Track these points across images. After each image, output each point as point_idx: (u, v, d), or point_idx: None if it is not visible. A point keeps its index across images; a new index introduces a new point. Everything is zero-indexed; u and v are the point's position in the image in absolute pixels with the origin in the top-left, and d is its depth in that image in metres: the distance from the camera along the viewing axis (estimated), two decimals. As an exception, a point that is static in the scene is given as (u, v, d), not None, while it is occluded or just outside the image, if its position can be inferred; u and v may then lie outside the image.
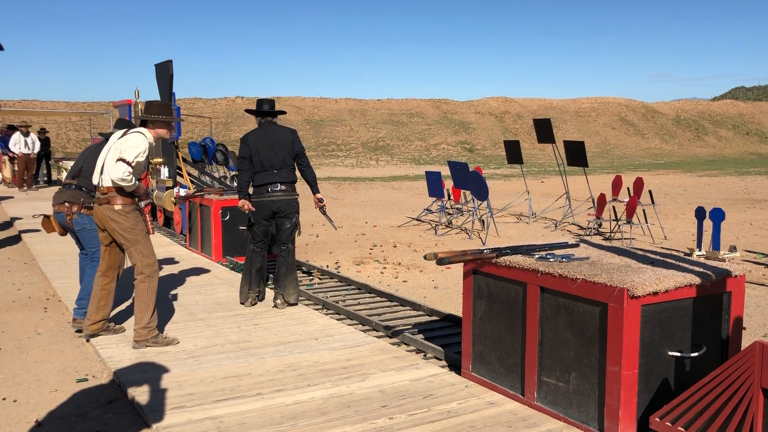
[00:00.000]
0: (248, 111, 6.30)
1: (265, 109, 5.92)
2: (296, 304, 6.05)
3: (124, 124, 5.64)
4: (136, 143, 4.82)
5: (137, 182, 4.89)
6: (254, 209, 5.91)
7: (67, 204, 5.46)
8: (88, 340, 5.11)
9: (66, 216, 5.45)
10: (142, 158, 4.84)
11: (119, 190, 4.83)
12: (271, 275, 7.21)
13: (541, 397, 3.73)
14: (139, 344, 4.87)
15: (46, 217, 5.73)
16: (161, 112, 5.03)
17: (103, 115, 29.38)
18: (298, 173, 6.06)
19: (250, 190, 5.99)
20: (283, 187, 5.86)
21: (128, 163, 4.74)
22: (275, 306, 6.04)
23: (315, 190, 6.19)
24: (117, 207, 4.84)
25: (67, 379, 4.45)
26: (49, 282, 7.24)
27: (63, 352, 4.99)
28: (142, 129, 4.99)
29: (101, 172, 4.95)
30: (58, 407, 3.99)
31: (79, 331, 5.34)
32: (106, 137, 5.47)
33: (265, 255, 6.13)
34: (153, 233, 5.17)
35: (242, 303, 6.11)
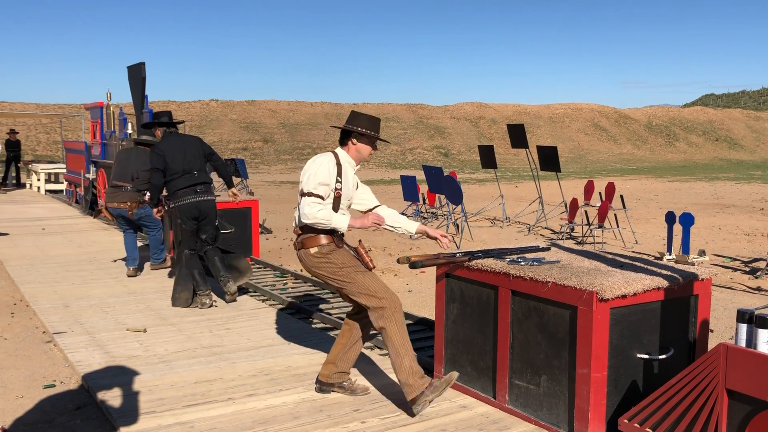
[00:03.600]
0: (149, 124, 6.61)
1: (165, 121, 6.28)
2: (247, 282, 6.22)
3: (147, 129, 6.91)
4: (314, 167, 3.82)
5: (339, 217, 3.79)
6: (164, 214, 6.45)
7: (128, 203, 7.33)
8: (320, 390, 4.06)
9: (128, 212, 7.36)
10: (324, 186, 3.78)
11: (310, 228, 3.79)
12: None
13: (512, 399, 3.75)
14: (419, 404, 3.61)
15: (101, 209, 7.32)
16: (371, 127, 3.96)
17: (75, 118, 28.98)
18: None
19: (169, 194, 6.19)
20: (205, 188, 6.13)
21: (316, 195, 3.74)
22: (228, 293, 6.19)
23: (231, 185, 6.83)
24: (313, 250, 3.80)
25: (33, 385, 4.38)
26: (16, 287, 7.12)
27: (30, 358, 4.91)
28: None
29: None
30: (25, 414, 3.92)
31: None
32: (138, 143, 7.19)
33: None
34: (374, 267, 3.90)
35: (188, 306, 6.14)
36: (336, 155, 3.88)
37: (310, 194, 3.71)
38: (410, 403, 3.63)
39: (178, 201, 6.02)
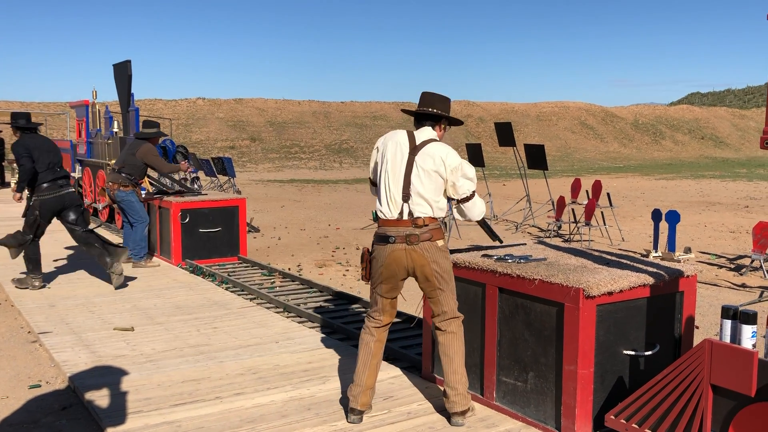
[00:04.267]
0: (11, 124, 7.04)
1: (22, 124, 6.78)
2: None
3: (150, 125, 7.97)
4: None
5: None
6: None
7: (110, 183, 7.86)
8: (359, 421, 3.64)
9: (110, 191, 7.86)
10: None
11: (436, 220, 3.62)
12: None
13: (499, 396, 3.77)
14: (466, 417, 3.59)
15: (103, 189, 7.90)
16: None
17: (60, 116, 28.76)
18: None
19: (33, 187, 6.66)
20: (66, 182, 6.74)
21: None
22: (115, 274, 6.61)
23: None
24: (440, 243, 3.61)
25: (19, 385, 4.34)
26: (1, 286, 7.06)
27: (15, 358, 4.87)
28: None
29: (406, 197, 3.54)
30: (10, 414, 3.89)
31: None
32: (137, 136, 8.06)
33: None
34: None
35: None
36: None
37: (475, 192, 3.65)
38: (456, 414, 3.56)
39: (42, 195, 6.56)
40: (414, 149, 3.56)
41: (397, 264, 3.53)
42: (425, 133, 3.65)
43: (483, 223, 4.09)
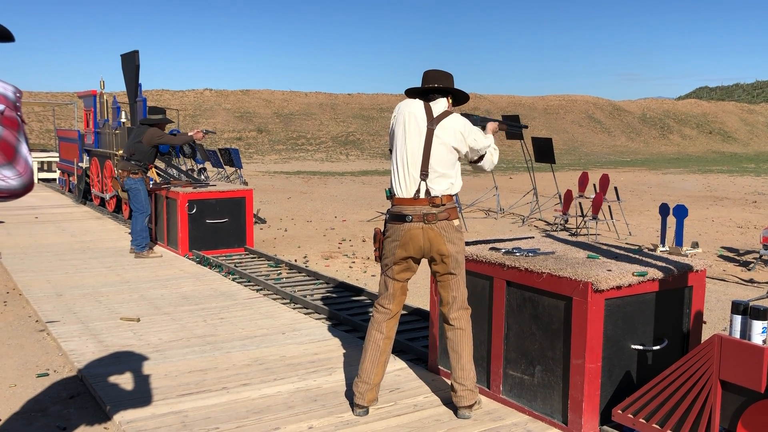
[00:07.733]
0: None
1: None
2: None
3: (156, 111, 8.15)
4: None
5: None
6: None
7: (120, 171, 8.08)
8: (364, 414, 3.62)
9: (120, 179, 8.07)
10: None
11: (452, 199, 3.52)
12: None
13: (506, 390, 3.76)
14: (473, 410, 3.59)
15: (114, 178, 8.58)
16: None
17: (68, 106, 28.81)
18: None
19: None
20: None
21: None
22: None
23: None
24: (456, 222, 3.54)
25: (27, 373, 4.36)
26: (9, 275, 7.09)
27: (23, 347, 4.89)
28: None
29: (424, 175, 3.46)
30: (18, 403, 3.90)
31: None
32: (143, 122, 8.17)
33: None
34: None
35: None
36: None
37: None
38: (464, 408, 3.55)
39: None
40: (432, 121, 3.47)
41: (413, 243, 3.45)
42: (441, 104, 3.54)
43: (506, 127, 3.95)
